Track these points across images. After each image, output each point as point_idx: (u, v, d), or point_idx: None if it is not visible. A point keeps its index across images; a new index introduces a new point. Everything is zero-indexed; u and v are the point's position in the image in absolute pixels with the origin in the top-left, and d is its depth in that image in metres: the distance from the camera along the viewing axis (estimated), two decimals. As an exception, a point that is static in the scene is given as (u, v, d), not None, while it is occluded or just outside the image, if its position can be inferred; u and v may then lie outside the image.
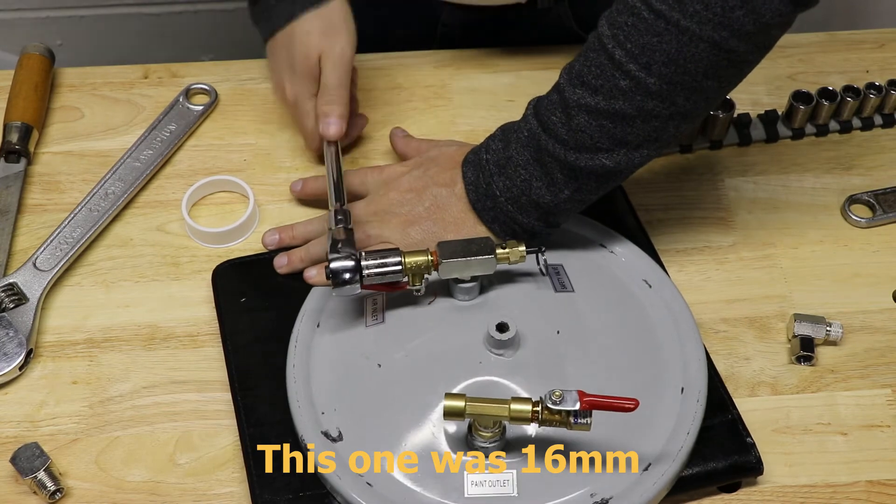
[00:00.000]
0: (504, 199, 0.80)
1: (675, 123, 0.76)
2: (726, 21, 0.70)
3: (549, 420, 0.69)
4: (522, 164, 0.79)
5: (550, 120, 0.77)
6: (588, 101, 0.75)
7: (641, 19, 0.72)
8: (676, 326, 0.81)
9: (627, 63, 0.73)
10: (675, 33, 0.71)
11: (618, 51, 0.73)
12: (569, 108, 0.76)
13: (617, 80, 0.74)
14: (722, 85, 0.75)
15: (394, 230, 0.84)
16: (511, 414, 0.69)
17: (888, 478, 0.78)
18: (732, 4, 0.69)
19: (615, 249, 0.86)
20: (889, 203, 0.93)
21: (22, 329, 0.83)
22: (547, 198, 0.79)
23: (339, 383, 0.78)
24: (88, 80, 1.03)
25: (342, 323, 0.81)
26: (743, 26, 0.70)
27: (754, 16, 0.70)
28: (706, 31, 0.70)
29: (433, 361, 0.77)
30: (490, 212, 0.82)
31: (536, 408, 0.69)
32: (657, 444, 0.75)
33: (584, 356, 0.78)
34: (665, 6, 0.71)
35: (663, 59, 0.72)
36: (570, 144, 0.77)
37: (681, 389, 0.77)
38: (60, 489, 0.76)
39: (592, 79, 0.75)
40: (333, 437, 0.75)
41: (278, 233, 0.89)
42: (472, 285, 0.79)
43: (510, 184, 0.80)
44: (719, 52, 0.71)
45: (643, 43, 0.72)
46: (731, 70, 0.74)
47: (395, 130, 0.95)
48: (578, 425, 0.69)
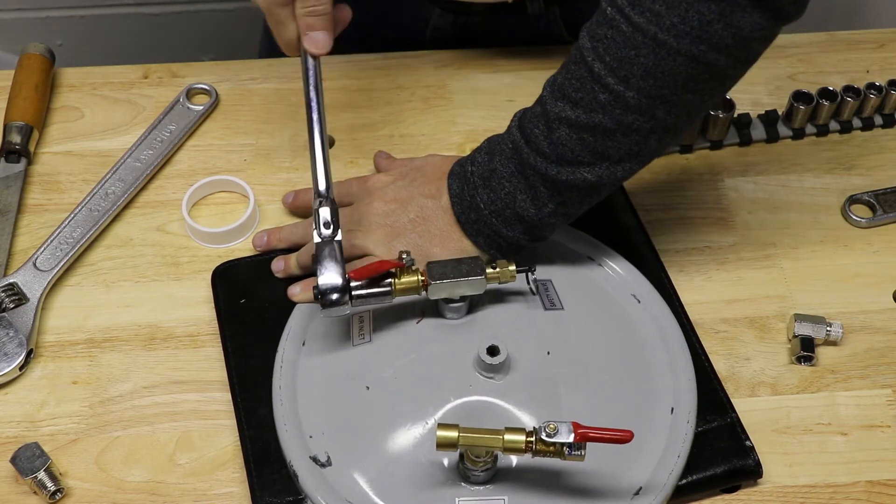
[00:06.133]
0: (488, 212, 0.79)
1: (656, 137, 0.75)
2: (704, 35, 0.69)
3: (543, 451, 0.68)
4: (507, 177, 0.78)
5: (533, 133, 0.76)
6: (569, 114, 0.74)
7: (620, 32, 0.71)
8: (666, 345, 0.81)
9: (606, 76, 0.72)
10: (652, 46, 0.70)
11: (597, 63, 0.72)
12: (550, 121, 0.75)
13: (596, 94, 0.73)
14: (703, 98, 0.74)
15: (378, 242, 0.83)
16: (504, 445, 0.68)
17: (888, 478, 0.78)
18: (710, 18, 0.68)
19: (603, 262, 0.86)
20: (889, 203, 0.93)
21: (22, 329, 0.83)
22: (531, 211, 0.78)
23: (327, 405, 0.77)
24: (88, 80, 1.03)
25: (328, 342, 0.80)
26: (721, 40, 0.69)
27: (733, 29, 0.69)
28: (684, 45, 0.69)
29: (422, 383, 0.76)
30: (474, 224, 0.80)
31: (530, 439, 0.68)
32: (648, 467, 0.74)
33: (575, 378, 0.77)
34: (643, 19, 0.70)
35: (641, 73, 0.71)
36: (551, 158, 0.76)
37: (671, 409, 0.77)
38: (60, 489, 0.76)
39: (573, 92, 0.74)
40: (322, 462, 0.74)
41: (267, 234, 0.89)
42: (461, 304, 0.78)
43: (494, 196, 0.79)
44: (698, 65, 0.70)
45: (621, 56, 0.71)
46: (712, 83, 0.73)
47: (380, 153, 0.94)
48: (573, 456, 0.68)
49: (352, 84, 1.02)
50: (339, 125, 0.99)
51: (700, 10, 0.68)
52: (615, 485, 0.73)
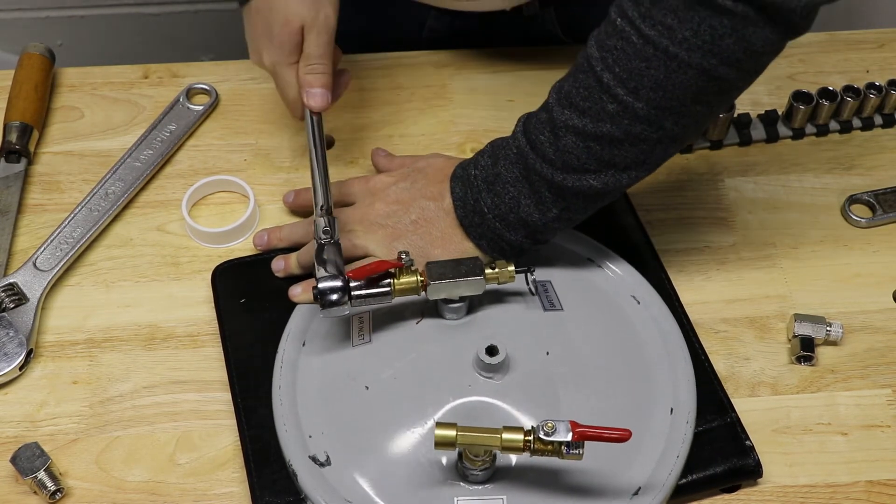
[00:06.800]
0: (492, 216, 0.80)
1: (663, 147, 0.75)
2: (716, 49, 0.69)
3: (542, 450, 0.68)
4: (511, 182, 0.79)
5: (538, 139, 0.77)
6: (576, 122, 0.74)
7: (630, 44, 0.71)
8: (665, 345, 0.81)
9: (615, 87, 0.72)
10: (663, 59, 0.70)
11: (606, 74, 0.72)
12: (557, 129, 0.75)
13: (605, 104, 0.73)
14: (711, 109, 0.74)
15: (379, 243, 0.83)
16: (503, 444, 0.68)
17: (888, 478, 0.78)
18: (722, 33, 0.68)
19: (603, 264, 0.86)
20: (889, 203, 0.93)
21: (22, 329, 0.83)
22: (535, 216, 0.79)
23: (327, 405, 0.77)
24: (88, 80, 1.03)
25: (328, 343, 0.80)
26: (733, 54, 0.69)
27: (744, 44, 0.69)
28: (695, 59, 0.69)
29: (421, 383, 0.76)
30: (477, 228, 0.81)
31: (528, 437, 0.68)
32: (646, 467, 0.74)
33: (574, 378, 0.77)
34: (654, 32, 0.70)
35: (651, 85, 0.71)
36: (557, 164, 0.76)
37: (670, 410, 0.77)
38: (60, 489, 0.76)
39: (580, 100, 0.74)
40: (321, 462, 0.74)
41: (267, 234, 0.89)
42: (461, 305, 0.79)
43: (498, 201, 0.79)
44: (708, 78, 0.71)
45: (631, 68, 0.71)
46: (721, 95, 0.73)
47: (377, 150, 0.94)
48: (571, 455, 0.68)
49: (352, 84, 1.02)
50: (339, 125, 0.99)
51: (712, 24, 0.68)
52: (614, 485, 0.73)
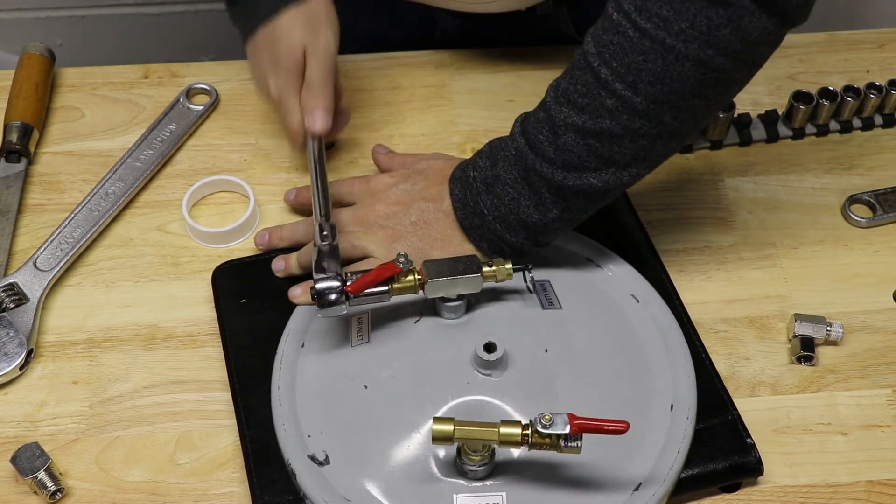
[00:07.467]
0: (492, 217, 0.80)
1: (663, 142, 0.75)
2: (712, 40, 0.69)
3: (539, 444, 0.68)
4: (510, 183, 0.78)
5: (537, 139, 0.76)
6: (574, 119, 0.74)
7: (626, 38, 0.71)
8: (665, 342, 0.81)
9: (613, 82, 0.72)
10: (660, 52, 0.70)
11: (603, 69, 0.72)
12: (555, 127, 0.75)
13: (603, 99, 0.73)
14: (710, 103, 0.74)
15: (378, 244, 0.83)
16: (500, 438, 0.68)
17: (888, 478, 0.78)
18: (718, 23, 0.68)
19: (602, 264, 0.86)
20: (889, 203, 0.93)
21: (22, 329, 0.83)
22: (535, 217, 0.78)
23: (326, 405, 0.77)
24: (88, 80, 1.03)
25: (327, 343, 0.80)
26: (730, 45, 0.69)
27: (741, 34, 0.69)
28: (692, 50, 0.69)
29: (420, 382, 0.76)
30: (477, 230, 0.81)
31: (526, 431, 0.68)
32: (647, 463, 0.74)
33: (573, 375, 0.77)
34: (650, 24, 0.70)
35: (649, 79, 0.71)
36: (557, 164, 0.76)
37: (670, 406, 0.77)
38: (61, 489, 0.76)
39: (578, 97, 0.74)
40: (320, 461, 0.74)
41: (268, 233, 0.89)
42: (459, 304, 0.79)
43: (498, 203, 0.79)
44: (706, 70, 0.70)
45: (629, 62, 0.71)
46: (719, 88, 0.73)
47: (377, 147, 0.94)
48: (569, 448, 0.68)
49: (352, 84, 1.02)
50: (339, 125, 0.99)
51: (708, 14, 0.68)
52: (615, 480, 0.73)
